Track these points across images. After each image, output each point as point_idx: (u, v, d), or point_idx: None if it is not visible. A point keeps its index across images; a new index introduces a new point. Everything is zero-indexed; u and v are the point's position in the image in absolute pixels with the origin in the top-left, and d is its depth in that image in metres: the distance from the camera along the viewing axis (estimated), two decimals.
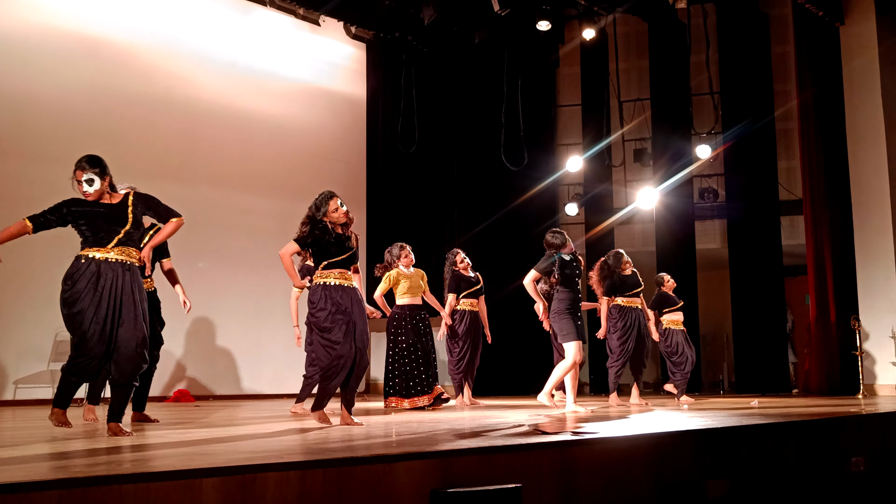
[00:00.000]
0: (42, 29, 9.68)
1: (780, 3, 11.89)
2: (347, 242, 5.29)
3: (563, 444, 3.83)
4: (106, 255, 4.64)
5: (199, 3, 11.19)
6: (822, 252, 10.67)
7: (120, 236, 4.66)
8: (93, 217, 4.70)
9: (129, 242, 4.70)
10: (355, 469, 3.08)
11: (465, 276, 8.47)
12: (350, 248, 5.29)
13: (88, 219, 4.69)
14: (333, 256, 5.23)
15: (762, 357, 11.02)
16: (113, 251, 4.64)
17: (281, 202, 11.46)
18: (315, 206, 5.28)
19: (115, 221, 4.68)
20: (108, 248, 4.65)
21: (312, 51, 12.37)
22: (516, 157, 11.97)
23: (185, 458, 3.32)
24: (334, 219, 5.25)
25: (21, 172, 9.13)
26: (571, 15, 12.94)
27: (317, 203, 5.28)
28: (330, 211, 5.23)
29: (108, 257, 4.64)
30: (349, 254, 5.28)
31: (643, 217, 12.41)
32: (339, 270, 5.24)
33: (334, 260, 5.23)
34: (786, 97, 11.78)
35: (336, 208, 5.23)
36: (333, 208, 5.23)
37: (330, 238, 5.22)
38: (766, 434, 4.72)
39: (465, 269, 8.50)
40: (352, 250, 5.30)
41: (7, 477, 2.69)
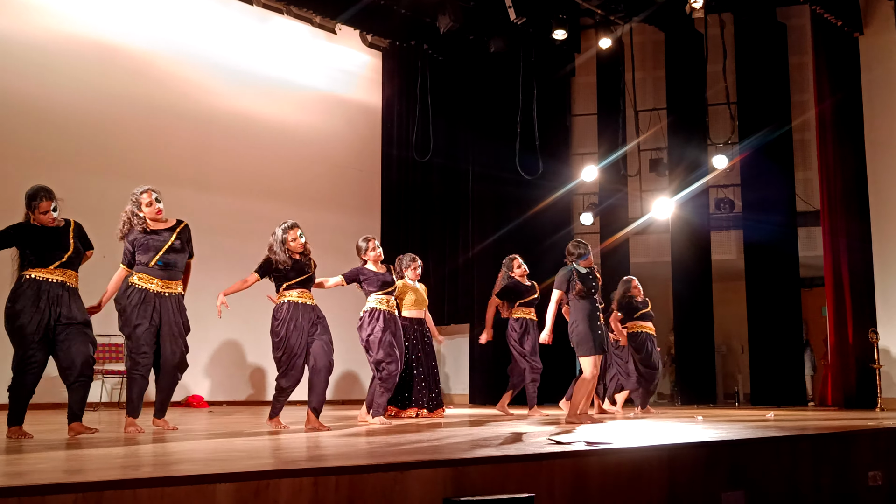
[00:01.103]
0: (61, 37, 9.78)
1: (798, 13, 11.84)
2: (306, 267, 5.93)
3: (576, 454, 3.81)
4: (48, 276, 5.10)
5: (216, 11, 11.27)
6: (840, 264, 10.59)
7: (63, 260, 5.14)
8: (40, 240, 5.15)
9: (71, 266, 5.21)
10: (368, 476, 3.08)
11: (522, 285, 8.39)
12: (308, 272, 5.93)
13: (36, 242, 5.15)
14: (293, 279, 5.85)
15: (778, 369, 10.94)
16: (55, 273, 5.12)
17: (296, 210, 11.48)
18: (276, 237, 5.87)
19: (59, 247, 5.17)
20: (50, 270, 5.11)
21: (328, 59, 12.43)
22: (531, 166, 11.96)
23: (199, 464, 3.33)
24: (292, 248, 5.84)
25: (39, 178, 9.17)
26: (587, 24, 12.94)
27: (278, 234, 5.87)
28: (289, 240, 5.82)
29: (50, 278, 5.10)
30: (307, 276, 5.92)
31: (658, 227, 12.36)
32: (298, 291, 5.86)
33: (293, 282, 5.86)
34: (803, 107, 11.72)
35: (294, 238, 5.85)
36: (292, 238, 5.84)
37: (287, 266, 5.83)
38: (781, 447, 4.68)
39: (522, 276, 8.45)
40: (309, 273, 5.93)
41: (24, 480, 2.71)
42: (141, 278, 5.39)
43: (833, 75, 10.88)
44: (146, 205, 5.47)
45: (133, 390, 5.36)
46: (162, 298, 5.40)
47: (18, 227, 5.08)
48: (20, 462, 3.58)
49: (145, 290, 5.36)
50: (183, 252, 5.56)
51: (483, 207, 12.24)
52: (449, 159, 12.62)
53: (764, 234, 11.25)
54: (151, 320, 5.32)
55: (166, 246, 5.42)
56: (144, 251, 5.40)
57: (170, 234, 5.47)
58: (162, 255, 5.39)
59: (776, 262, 11.17)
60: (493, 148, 12.13)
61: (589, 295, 6.78)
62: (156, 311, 5.35)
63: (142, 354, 5.31)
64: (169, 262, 5.42)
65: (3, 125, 9.23)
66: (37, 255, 5.05)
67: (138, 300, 5.32)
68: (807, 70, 11.64)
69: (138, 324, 5.29)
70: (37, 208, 5.08)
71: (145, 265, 5.39)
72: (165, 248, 5.41)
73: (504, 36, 11.67)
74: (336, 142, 12.35)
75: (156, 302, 5.37)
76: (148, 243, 5.41)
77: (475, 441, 4.53)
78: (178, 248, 5.47)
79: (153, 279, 5.39)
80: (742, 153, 11.61)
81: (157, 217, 5.48)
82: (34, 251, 5.05)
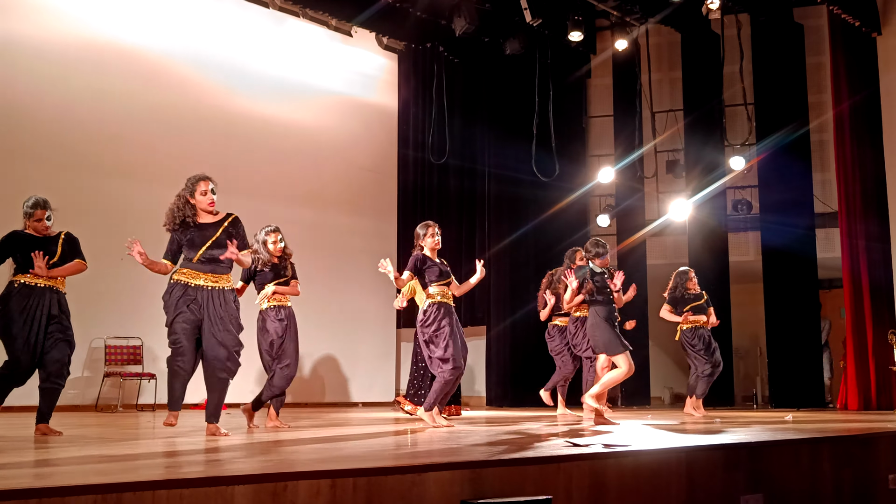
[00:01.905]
0: (79, 42, 9.86)
1: (815, 13, 11.77)
2: (283, 271, 6.29)
3: (594, 456, 3.80)
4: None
5: (232, 14, 11.32)
6: (859, 265, 10.51)
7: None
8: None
9: None
10: (385, 478, 3.08)
11: None
12: (284, 276, 6.29)
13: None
14: (270, 282, 6.24)
15: (797, 371, 10.87)
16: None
17: (312, 212, 11.56)
18: (258, 237, 6.21)
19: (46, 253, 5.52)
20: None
21: (344, 62, 12.46)
22: (547, 167, 11.95)
23: (216, 465, 3.34)
24: (271, 252, 6.19)
25: (59, 182, 9.28)
26: (603, 26, 12.92)
27: (260, 236, 6.22)
28: (269, 243, 6.21)
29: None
30: (283, 280, 6.29)
31: (675, 229, 12.31)
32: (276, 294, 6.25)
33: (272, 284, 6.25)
34: (821, 108, 11.64)
35: (274, 241, 6.22)
36: (272, 241, 6.21)
37: (266, 268, 6.22)
38: (801, 449, 4.65)
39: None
40: (286, 277, 6.30)
41: (45, 481, 2.73)
42: (184, 273, 5.19)
43: (851, 76, 10.80)
44: (201, 193, 5.27)
45: (174, 383, 5.16)
46: (206, 291, 5.15)
47: (8, 238, 5.51)
48: (42, 463, 3.62)
49: (187, 284, 5.15)
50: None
51: (499, 209, 12.23)
52: (465, 161, 12.63)
53: (782, 236, 11.18)
54: (191, 312, 5.08)
55: (210, 242, 5.19)
56: (190, 246, 5.20)
57: (215, 230, 5.25)
58: (205, 251, 5.17)
59: (794, 263, 11.10)
60: (509, 150, 12.12)
61: (602, 294, 6.80)
62: (195, 303, 5.10)
63: (178, 346, 5.08)
64: (212, 257, 5.17)
65: (23, 129, 9.31)
66: (25, 259, 5.41)
67: (180, 294, 5.13)
68: (824, 70, 11.57)
69: (176, 314, 5.09)
70: (31, 216, 5.53)
71: (189, 261, 5.20)
72: (209, 244, 5.19)
73: (520, 38, 11.66)
74: (352, 144, 12.38)
75: (198, 295, 5.13)
76: (193, 239, 5.20)
77: (493, 443, 4.53)
78: (222, 243, 5.20)
79: (199, 275, 5.17)
80: (759, 154, 11.54)
81: (208, 209, 5.29)
82: (23, 256, 5.41)
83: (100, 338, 9.52)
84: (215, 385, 5.16)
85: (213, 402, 5.19)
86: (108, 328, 9.58)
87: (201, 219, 5.29)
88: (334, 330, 11.65)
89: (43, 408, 5.39)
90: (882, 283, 10.44)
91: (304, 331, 11.31)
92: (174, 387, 5.18)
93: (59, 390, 5.47)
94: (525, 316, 10.77)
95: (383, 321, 12.32)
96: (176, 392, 5.18)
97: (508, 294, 11.80)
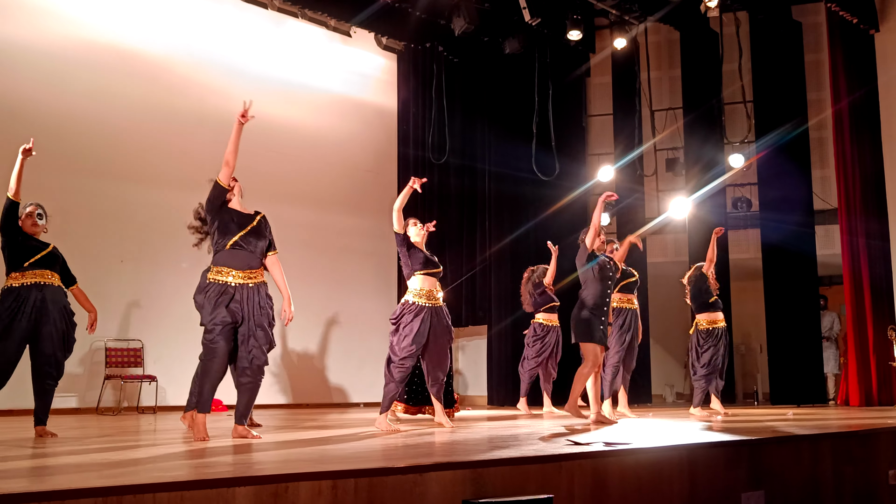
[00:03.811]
0: (78, 44, 9.87)
1: (813, 10, 11.77)
2: None
3: (595, 454, 3.80)
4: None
5: (232, 16, 11.33)
6: (859, 262, 10.52)
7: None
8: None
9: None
10: (387, 479, 3.09)
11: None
12: None
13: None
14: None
15: (797, 368, 10.87)
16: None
17: (312, 212, 11.58)
18: None
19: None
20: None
21: (344, 62, 12.47)
22: (547, 166, 11.95)
23: (218, 467, 3.35)
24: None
25: (58, 184, 9.29)
26: (602, 24, 12.92)
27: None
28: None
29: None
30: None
31: (675, 227, 12.32)
32: None
33: None
34: (820, 105, 11.65)
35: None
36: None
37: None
38: (801, 446, 4.66)
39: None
40: None
41: (45, 484, 2.73)
42: (220, 272, 5.01)
43: (849, 72, 10.81)
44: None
45: (204, 384, 4.94)
46: (245, 290, 4.99)
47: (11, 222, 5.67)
48: (43, 466, 3.62)
49: (226, 283, 4.98)
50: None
51: (499, 208, 12.23)
52: (465, 160, 12.63)
53: (782, 233, 11.18)
54: (229, 313, 4.89)
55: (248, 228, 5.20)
56: (225, 232, 5.12)
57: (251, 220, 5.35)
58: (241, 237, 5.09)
59: (794, 260, 11.10)
60: (509, 149, 12.12)
61: (604, 280, 6.72)
62: (234, 302, 4.93)
63: (215, 346, 4.88)
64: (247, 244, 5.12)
65: (22, 131, 9.27)
66: (13, 255, 5.62)
67: (217, 293, 4.93)
68: (823, 68, 11.58)
69: (214, 314, 4.88)
70: (24, 212, 5.74)
71: (224, 248, 5.07)
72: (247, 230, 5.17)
73: (519, 37, 11.66)
74: (352, 144, 12.39)
75: (236, 294, 4.95)
76: (228, 224, 5.17)
77: (494, 442, 4.53)
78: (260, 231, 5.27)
79: (231, 271, 5.00)
80: (759, 152, 11.54)
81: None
82: (11, 250, 5.63)
83: (100, 340, 9.52)
84: (248, 387, 5.01)
85: (244, 403, 5.04)
86: (109, 331, 9.58)
87: (234, 206, 5.25)
88: (335, 330, 11.66)
89: (39, 408, 5.59)
90: (882, 280, 10.46)
91: (304, 331, 11.38)
92: (206, 387, 4.93)
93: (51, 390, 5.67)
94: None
95: (383, 320, 12.29)
96: (205, 392, 4.94)
97: (509, 293, 11.79)
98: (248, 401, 5.05)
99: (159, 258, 9.81)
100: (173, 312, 9.61)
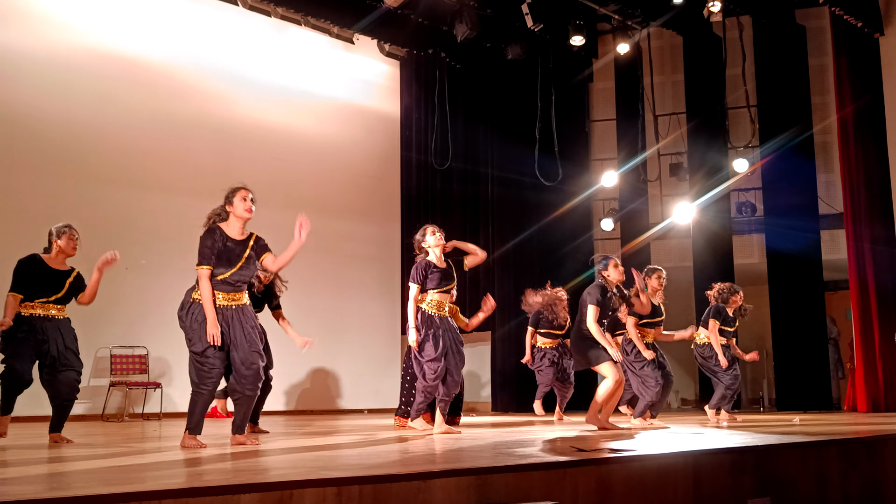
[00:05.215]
0: (81, 52, 9.88)
1: (817, 14, 11.77)
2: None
3: (600, 461, 3.79)
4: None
5: (234, 23, 11.35)
6: (864, 266, 10.49)
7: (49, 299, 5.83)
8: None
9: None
10: (391, 486, 3.07)
11: None
12: None
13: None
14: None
15: (803, 373, 10.84)
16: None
17: (316, 218, 11.38)
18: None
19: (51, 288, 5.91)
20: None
21: (346, 69, 12.48)
22: (550, 172, 11.95)
23: (223, 474, 3.34)
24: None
25: (62, 192, 9.32)
26: (605, 30, 12.93)
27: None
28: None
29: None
30: None
31: (679, 232, 12.31)
32: None
33: None
34: (824, 109, 11.64)
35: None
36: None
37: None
38: (808, 452, 4.64)
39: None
40: None
41: (52, 492, 2.73)
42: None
43: (854, 77, 10.80)
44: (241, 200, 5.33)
45: (197, 406, 4.91)
46: (230, 311, 4.98)
47: (25, 268, 5.76)
48: (50, 472, 3.62)
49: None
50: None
51: (502, 214, 12.23)
52: (468, 166, 12.63)
53: (787, 238, 11.16)
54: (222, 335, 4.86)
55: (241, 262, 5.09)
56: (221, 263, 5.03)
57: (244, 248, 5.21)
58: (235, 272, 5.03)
59: (799, 265, 11.08)
60: (512, 154, 12.13)
61: (604, 308, 6.75)
62: (223, 325, 4.91)
63: (213, 370, 4.87)
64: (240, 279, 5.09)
65: (25, 140, 9.33)
66: (29, 290, 5.69)
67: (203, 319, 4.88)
68: (827, 72, 11.57)
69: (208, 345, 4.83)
70: (63, 234, 5.91)
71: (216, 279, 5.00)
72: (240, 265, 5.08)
73: (521, 43, 11.68)
74: (355, 150, 12.39)
75: (223, 317, 4.93)
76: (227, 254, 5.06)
77: (499, 449, 4.52)
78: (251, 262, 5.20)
79: (218, 294, 4.97)
80: (763, 157, 11.54)
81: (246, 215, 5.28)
82: (29, 286, 5.70)
83: (105, 347, 9.53)
84: (244, 401, 4.99)
85: (240, 414, 5.05)
86: (114, 337, 9.58)
87: (232, 233, 5.19)
88: (338, 336, 11.64)
89: (55, 419, 5.71)
90: (888, 284, 10.42)
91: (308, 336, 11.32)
92: (198, 409, 4.91)
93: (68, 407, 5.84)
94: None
95: (387, 327, 12.31)
96: (197, 414, 4.92)
97: (513, 298, 11.77)
98: (246, 413, 5.08)
99: (164, 265, 9.80)
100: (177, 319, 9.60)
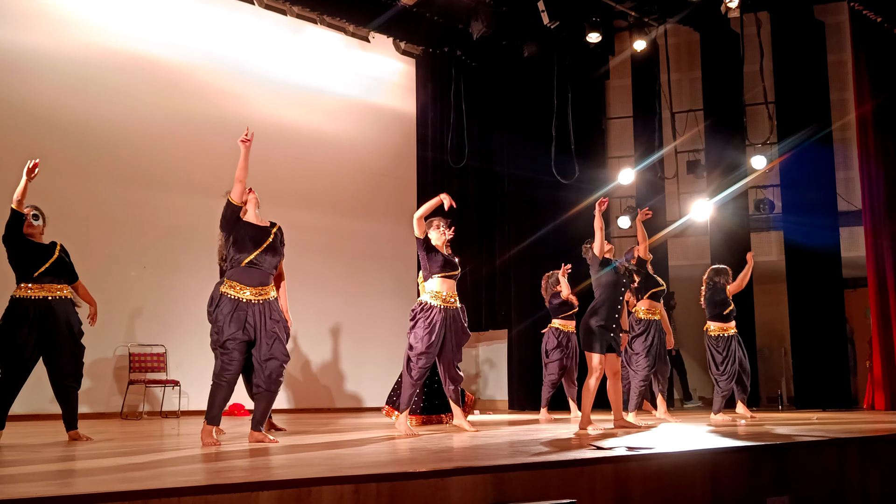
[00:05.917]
0: (99, 51, 9.95)
1: (835, 10, 11.67)
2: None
3: (617, 459, 3.78)
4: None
5: (251, 22, 11.39)
6: (883, 264, 10.40)
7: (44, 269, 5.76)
8: None
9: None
10: (409, 483, 3.08)
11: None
12: None
13: None
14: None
15: (822, 371, 10.76)
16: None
17: (331, 217, 11.62)
18: None
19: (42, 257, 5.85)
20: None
21: (362, 67, 12.50)
22: (567, 169, 11.92)
23: (241, 471, 3.36)
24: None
25: (80, 191, 9.39)
26: (621, 27, 12.87)
27: None
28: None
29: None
30: None
31: (697, 230, 12.25)
32: None
33: None
34: (843, 106, 11.54)
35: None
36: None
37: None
38: (827, 450, 4.61)
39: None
40: None
41: (70, 489, 2.75)
42: (232, 287, 5.02)
43: (873, 73, 10.69)
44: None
45: (217, 397, 4.93)
46: (256, 307, 5.00)
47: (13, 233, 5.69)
48: (68, 469, 3.65)
49: (238, 299, 4.98)
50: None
51: (519, 211, 12.22)
52: (484, 164, 12.62)
53: (805, 235, 11.07)
54: (245, 333, 4.92)
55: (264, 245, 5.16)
56: (241, 248, 5.11)
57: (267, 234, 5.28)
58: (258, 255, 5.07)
59: (818, 262, 10.99)
60: (528, 152, 12.11)
61: (617, 286, 6.47)
62: (248, 322, 4.94)
63: (232, 363, 4.91)
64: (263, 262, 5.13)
65: (45, 139, 9.40)
66: (21, 265, 5.65)
67: (230, 311, 4.93)
68: (846, 68, 11.47)
69: (229, 334, 4.89)
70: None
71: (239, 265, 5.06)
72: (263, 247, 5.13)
73: (537, 40, 11.65)
74: (371, 149, 12.41)
75: (248, 313, 4.96)
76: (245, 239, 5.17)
77: (515, 447, 4.52)
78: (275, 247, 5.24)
79: (245, 288, 5.01)
80: (781, 154, 11.45)
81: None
82: (18, 260, 5.66)
83: (124, 345, 9.59)
84: (264, 396, 5.00)
85: (260, 410, 5.06)
86: (132, 336, 9.65)
87: (249, 219, 5.22)
88: (353, 334, 11.67)
89: (66, 415, 5.70)
90: None
91: (322, 335, 11.39)
92: (218, 401, 4.94)
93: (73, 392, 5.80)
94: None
95: (402, 325, 12.29)
96: (216, 406, 4.95)
97: (529, 296, 11.76)
98: (265, 408, 5.09)
99: (181, 263, 9.86)
100: (196, 317, 9.60)
